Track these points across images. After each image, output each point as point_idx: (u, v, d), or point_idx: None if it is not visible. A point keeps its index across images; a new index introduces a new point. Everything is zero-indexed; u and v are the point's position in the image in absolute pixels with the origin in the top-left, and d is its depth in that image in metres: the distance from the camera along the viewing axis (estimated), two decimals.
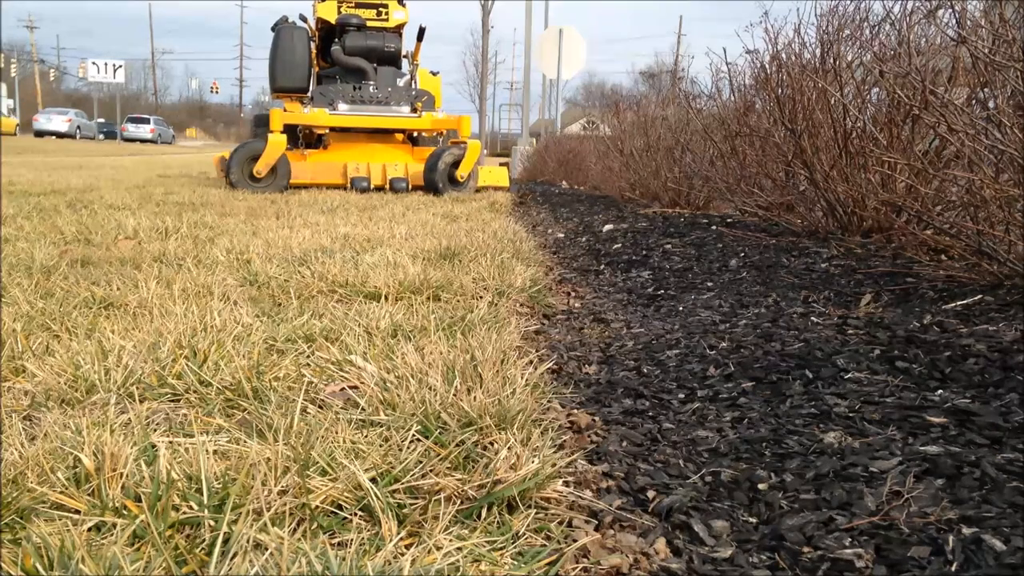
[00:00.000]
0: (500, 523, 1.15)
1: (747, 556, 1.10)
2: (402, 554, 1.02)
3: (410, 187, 8.29)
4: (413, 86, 9.74)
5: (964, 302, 2.33)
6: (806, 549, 1.10)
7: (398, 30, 9.54)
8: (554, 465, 1.26)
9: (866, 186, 3.50)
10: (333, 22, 9.08)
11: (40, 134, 38.39)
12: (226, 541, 1.00)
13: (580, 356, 2.16)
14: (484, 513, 1.17)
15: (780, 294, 2.76)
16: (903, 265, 2.93)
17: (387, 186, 8.21)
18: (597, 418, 1.64)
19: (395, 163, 8.55)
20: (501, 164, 12.06)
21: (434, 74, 10.64)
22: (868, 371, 1.80)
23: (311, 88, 9.14)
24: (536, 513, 1.18)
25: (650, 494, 1.28)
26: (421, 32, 9.80)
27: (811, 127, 3.90)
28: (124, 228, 4.19)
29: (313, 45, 9.36)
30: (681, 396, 1.79)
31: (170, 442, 1.30)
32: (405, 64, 9.89)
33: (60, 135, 38.59)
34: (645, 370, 2.00)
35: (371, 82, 8.91)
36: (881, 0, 3.98)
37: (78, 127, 40.42)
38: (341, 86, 8.73)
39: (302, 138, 8.90)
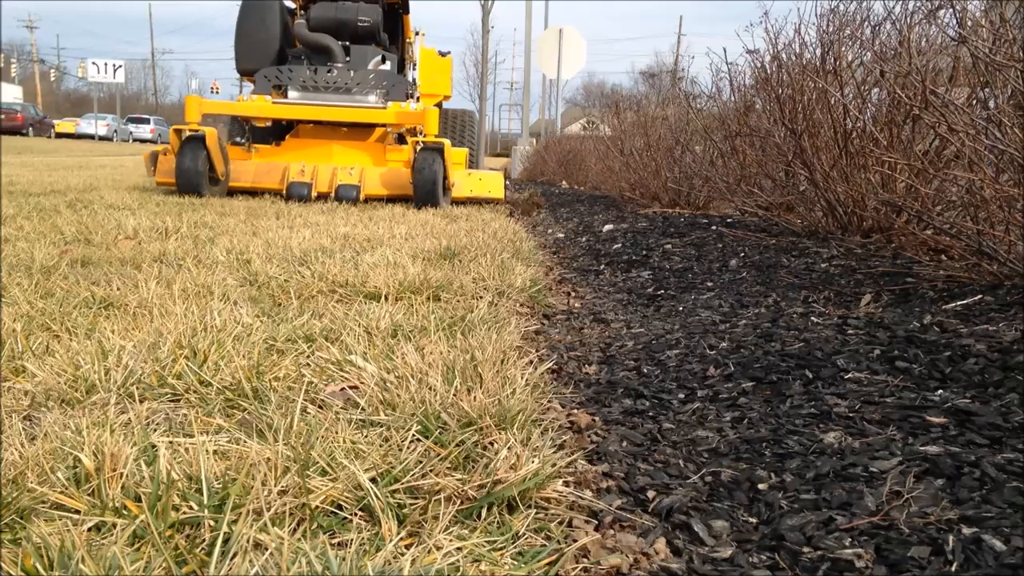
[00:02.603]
0: (500, 523, 1.15)
1: (747, 556, 1.10)
2: (402, 554, 1.02)
3: (362, 196, 6.63)
4: (410, 70, 8.38)
5: (964, 302, 2.33)
6: (806, 549, 1.10)
7: (393, 2, 8.12)
8: (554, 465, 1.26)
9: (866, 186, 3.50)
10: None
11: (82, 136, 41.93)
12: (226, 541, 1.00)
13: (580, 356, 2.16)
14: (484, 513, 1.17)
15: (780, 294, 2.76)
16: (903, 265, 2.93)
17: (333, 195, 6.61)
18: (597, 418, 1.64)
19: (350, 166, 6.88)
20: (494, 169, 10.40)
21: (443, 55, 9.21)
22: (868, 371, 1.80)
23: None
24: (536, 513, 1.18)
25: (650, 494, 1.28)
26: (404, 1, 8.33)
27: (811, 127, 3.90)
28: (124, 228, 4.19)
29: (293, 20, 7.95)
30: (681, 396, 1.79)
31: (170, 442, 1.30)
32: (407, 44, 8.55)
33: (100, 138, 42.02)
34: (645, 370, 2.00)
35: (338, 64, 7.31)
36: (882, 0, 3.98)
37: (115, 131, 43.81)
38: (297, 69, 7.17)
39: (248, 131, 7.45)
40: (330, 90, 7.10)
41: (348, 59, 7.54)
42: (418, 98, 7.99)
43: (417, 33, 9.03)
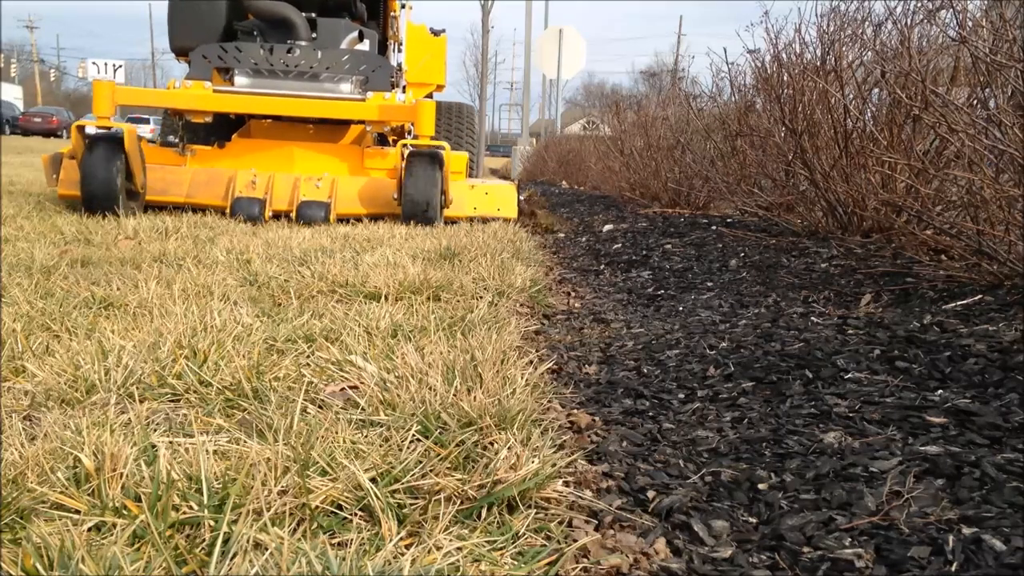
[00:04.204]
0: (500, 523, 1.15)
1: (747, 556, 1.10)
2: (402, 554, 1.02)
3: (334, 216, 5.08)
4: (394, 52, 6.78)
5: (964, 302, 2.33)
6: (806, 549, 1.10)
7: None
8: (554, 465, 1.26)
9: (866, 186, 3.50)
10: None
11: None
12: (226, 541, 1.00)
13: (580, 356, 2.16)
14: (484, 513, 1.17)
15: (780, 294, 2.76)
16: (903, 265, 2.93)
17: (293, 215, 5.05)
18: (597, 418, 1.64)
19: (316, 176, 5.24)
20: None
21: (436, 33, 7.54)
22: (868, 371, 1.80)
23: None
24: (536, 513, 1.18)
25: (650, 494, 1.28)
26: None
27: (811, 127, 3.90)
28: (124, 228, 4.19)
29: None
30: (681, 396, 1.79)
31: (170, 442, 1.30)
32: (394, 22, 6.88)
33: None
34: (645, 370, 2.00)
35: (302, 41, 5.65)
36: (882, 0, 3.98)
37: None
38: (247, 47, 5.48)
39: (182, 129, 5.81)
40: (291, 75, 5.45)
41: (314, 36, 5.84)
42: (404, 87, 6.36)
43: (403, 5, 7.22)
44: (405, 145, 5.04)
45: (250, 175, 5.18)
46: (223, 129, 5.93)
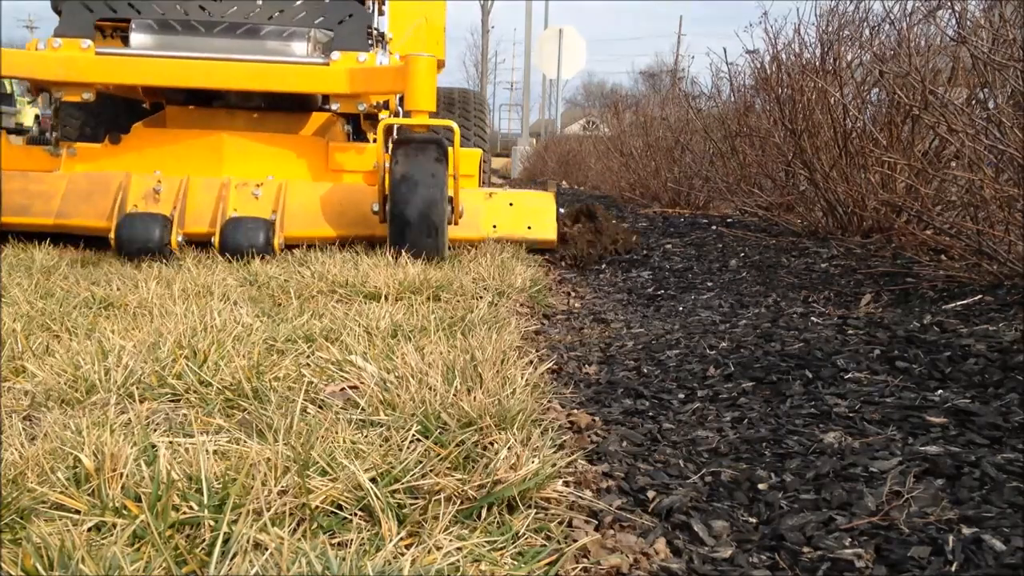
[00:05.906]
0: (500, 523, 1.15)
1: (747, 556, 1.10)
2: (402, 554, 1.02)
3: (279, 241, 3.46)
4: (375, 14, 4.56)
5: (964, 302, 2.33)
6: (806, 549, 1.10)
7: None
8: (554, 465, 1.26)
9: (866, 186, 3.51)
10: None
11: None
12: (226, 541, 1.00)
13: (580, 356, 2.16)
14: (484, 513, 1.17)
15: (780, 294, 2.76)
16: (903, 265, 2.93)
17: (215, 240, 3.39)
18: (597, 418, 1.64)
19: (256, 181, 3.61)
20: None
21: None
22: (868, 371, 1.80)
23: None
24: (536, 513, 1.17)
25: (650, 494, 1.28)
26: None
27: (811, 127, 3.90)
28: None
29: None
30: (681, 396, 1.79)
31: (170, 442, 1.30)
32: None
33: None
34: (645, 370, 2.00)
35: None
36: (881, 0, 3.99)
37: None
38: None
39: (56, 114, 4.18)
40: (218, 32, 3.77)
41: None
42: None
43: None
44: (390, 127, 3.51)
45: (151, 180, 3.53)
46: (120, 117, 4.29)
